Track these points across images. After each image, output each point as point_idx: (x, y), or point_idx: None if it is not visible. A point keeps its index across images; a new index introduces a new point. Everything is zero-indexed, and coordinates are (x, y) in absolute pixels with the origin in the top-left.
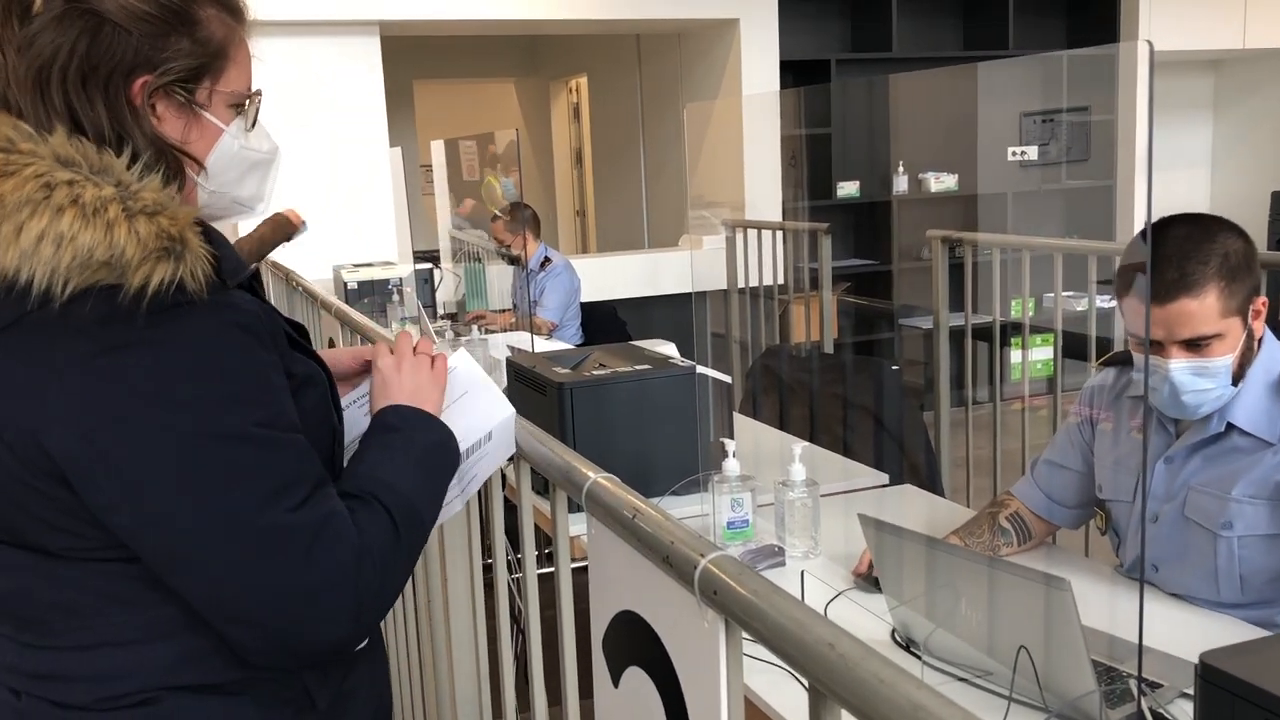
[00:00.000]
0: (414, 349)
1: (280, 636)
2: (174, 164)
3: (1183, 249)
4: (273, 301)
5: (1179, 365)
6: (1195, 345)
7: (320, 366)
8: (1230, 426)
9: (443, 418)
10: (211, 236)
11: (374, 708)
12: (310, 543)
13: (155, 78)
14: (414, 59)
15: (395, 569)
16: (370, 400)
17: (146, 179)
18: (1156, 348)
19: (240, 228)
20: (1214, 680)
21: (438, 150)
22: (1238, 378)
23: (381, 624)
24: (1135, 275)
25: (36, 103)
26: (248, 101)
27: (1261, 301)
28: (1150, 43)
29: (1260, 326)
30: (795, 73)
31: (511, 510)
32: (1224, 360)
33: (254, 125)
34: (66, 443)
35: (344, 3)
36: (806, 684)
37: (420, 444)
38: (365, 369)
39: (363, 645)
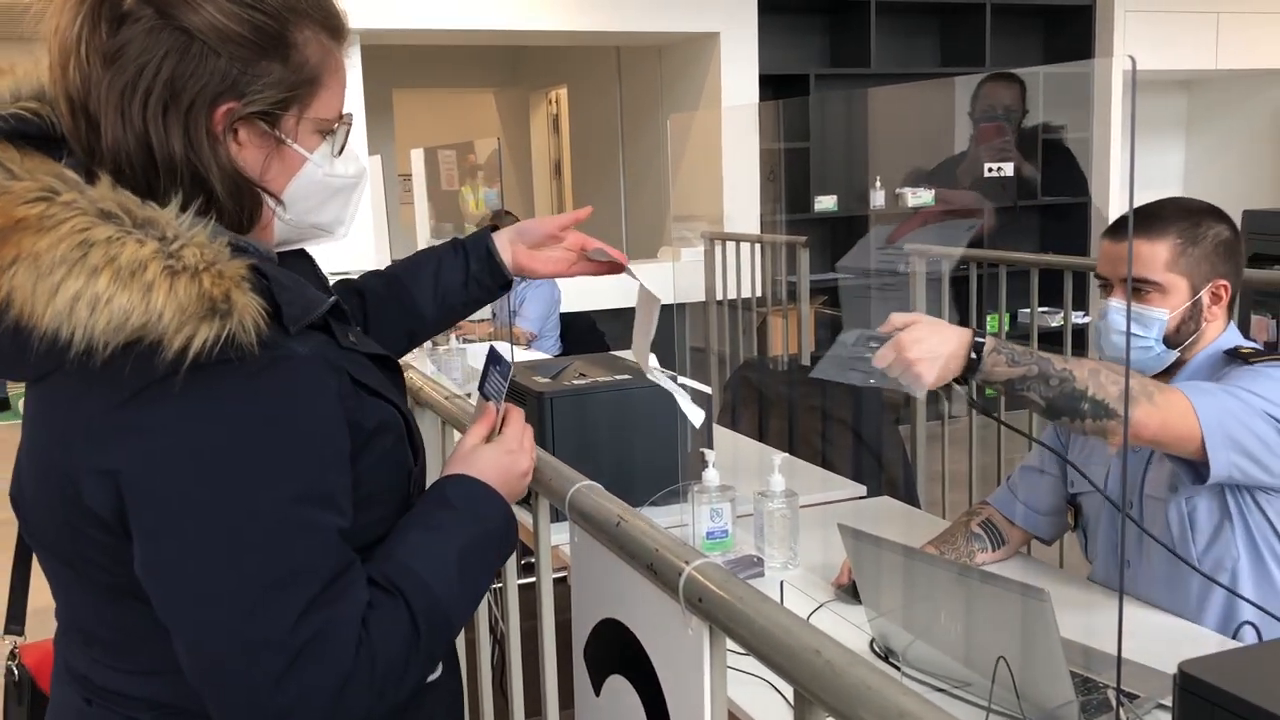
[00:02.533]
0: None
1: None
2: (250, 197)
3: (1162, 205)
4: None
5: (1116, 304)
6: (1137, 291)
7: (397, 409)
8: None
9: None
10: (273, 280)
11: None
12: (291, 661)
13: (240, 105)
14: (393, 68)
15: (403, 678)
16: (453, 457)
17: (194, 230)
18: (1105, 290)
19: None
20: (1193, 690)
21: (417, 159)
22: (1174, 343)
23: (456, 651)
24: (1117, 222)
25: (116, 122)
26: (336, 127)
27: (1223, 285)
28: (1133, 58)
29: (1218, 311)
30: (774, 87)
31: None
32: (1158, 313)
33: (341, 151)
34: (97, 491)
35: None
36: (792, 691)
37: (471, 533)
38: (561, 238)
39: (436, 675)
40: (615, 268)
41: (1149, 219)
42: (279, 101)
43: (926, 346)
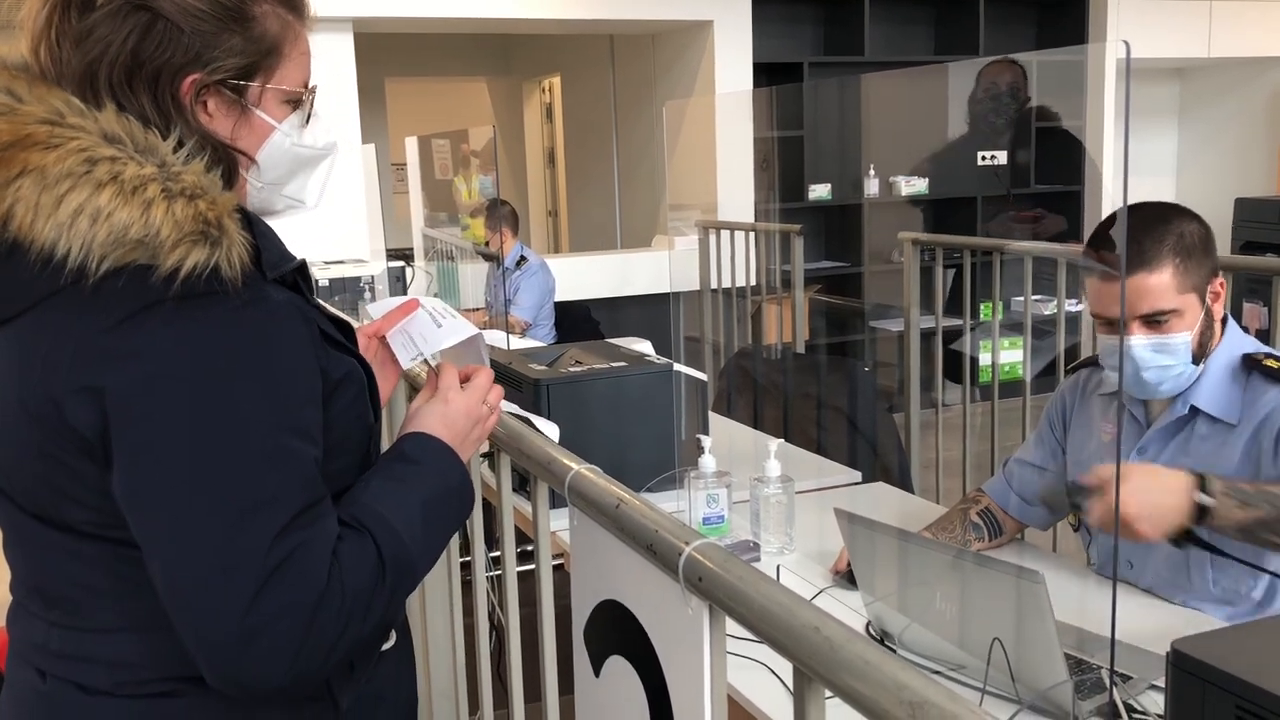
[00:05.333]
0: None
1: (213, 660)
2: (226, 159)
3: (1139, 229)
4: None
5: (1139, 342)
6: (1154, 322)
7: (360, 364)
8: (1194, 411)
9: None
10: (255, 226)
11: (402, 712)
12: (265, 579)
13: (204, 75)
14: (386, 56)
15: (368, 612)
16: (404, 422)
17: (190, 162)
18: (1109, 327)
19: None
20: (1185, 667)
21: (411, 147)
22: (1198, 357)
23: (408, 621)
24: (1097, 256)
25: (85, 96)
26: (303, 97)
27: (1220, 283)
28: (1127, 43)
29: (1220, 309)
30: (768, 75)
31: (488, 510)
32: (1183, 337)
33: (309, 121)
34: (80, 410)
35: None
36: (789, 675)
37: (433, 485)
38: (372, 348)
39: (390, 644)
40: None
41: (1140, 246)
42: (242, 70)
43: (1148, 500)
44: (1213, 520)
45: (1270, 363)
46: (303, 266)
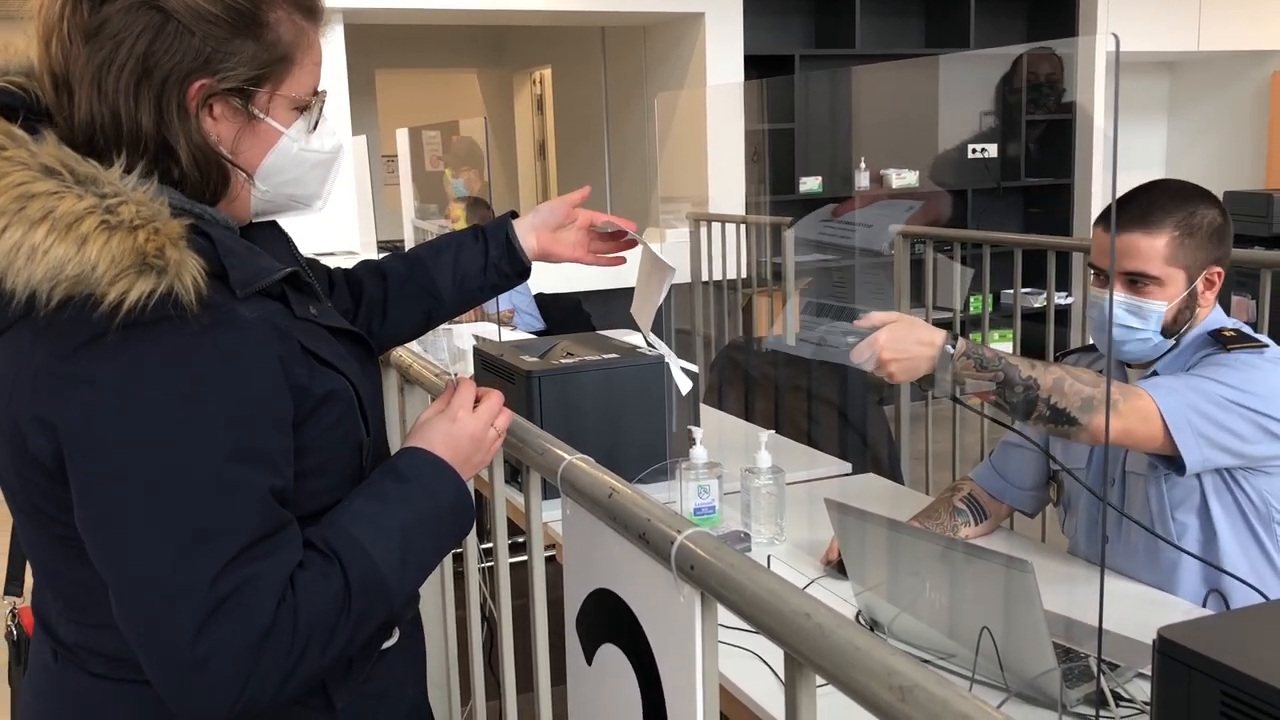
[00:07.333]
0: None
1: (163, 688)
2: (218, 171)
3: (1155, 196)
4: None
5: (1117, 297)
6: (1135, 284)
7: (349, 381)
8: (1155, 375)
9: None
10: (219, 243)
11: (404, 712)
12: (210, 612)
13: (214, 82)
14: (377, 48)
15: (330, 641)
16: (409, 433)
17: (137, 189)
18: (1104, 280)
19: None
20: (1171, 654)
21: (402, 139)
22: (1171, 332)
23: (419, 618)
24: (1108, 210)
25: (92, 95)
26: (312, 103)
27: (1217, 273)
28: (1116, 36)
29: (1211, 296)
30: (759, 68)
31: (480, 501)
32: (1157, 305)
33: (316, 127)
34: (38, 439)
35: None
36: (780, 664)
37: (421, 506)
38: (574, 217)
39: (392, 642)
40: (621, 256)
41: (1147, 210)
42: (251, 79)
43: (901, 347)
44: (957, 377)
45: (1229, 332)
46: (294, 276)
